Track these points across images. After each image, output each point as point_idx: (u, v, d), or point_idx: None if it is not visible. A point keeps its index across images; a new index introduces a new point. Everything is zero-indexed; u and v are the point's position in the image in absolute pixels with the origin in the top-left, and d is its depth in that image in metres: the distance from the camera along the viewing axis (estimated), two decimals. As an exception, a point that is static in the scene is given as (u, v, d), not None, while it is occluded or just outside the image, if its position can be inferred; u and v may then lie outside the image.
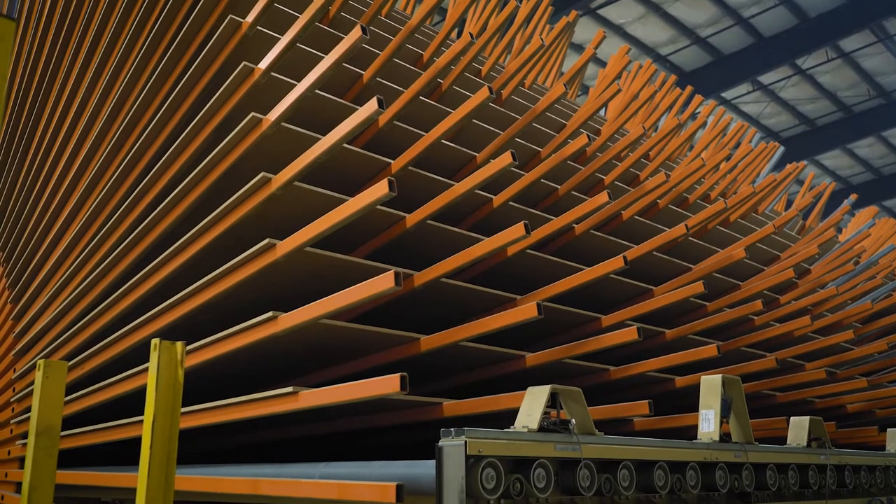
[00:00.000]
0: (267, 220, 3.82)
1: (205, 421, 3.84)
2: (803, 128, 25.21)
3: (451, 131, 4.17)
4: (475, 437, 2.72)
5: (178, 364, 2.83)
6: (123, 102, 4.77)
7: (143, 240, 4.36)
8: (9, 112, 6.59)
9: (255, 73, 3.82)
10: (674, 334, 5.32)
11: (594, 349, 4.33)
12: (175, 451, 2.81)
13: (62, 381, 3.33)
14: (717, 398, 3.92)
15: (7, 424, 5.87)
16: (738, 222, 7.51)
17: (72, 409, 4.86)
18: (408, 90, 4.32)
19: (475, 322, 3.78)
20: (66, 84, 5.62)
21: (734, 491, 3.80)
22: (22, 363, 5.84)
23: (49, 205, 5.64)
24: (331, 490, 3.10)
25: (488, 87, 3.99)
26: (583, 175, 5.33)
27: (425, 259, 4.09)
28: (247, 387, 3.95)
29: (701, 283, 4.70)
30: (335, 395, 3.23)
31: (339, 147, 3.45)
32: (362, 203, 3.24)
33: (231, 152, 3.78)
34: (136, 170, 4.56)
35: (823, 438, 4.57)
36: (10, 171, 6.54)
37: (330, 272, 3.81)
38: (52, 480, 3.26)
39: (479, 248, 3.81)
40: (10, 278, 6.25)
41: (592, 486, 3.06)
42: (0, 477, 5.83)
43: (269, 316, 3.46)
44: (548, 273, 4.86)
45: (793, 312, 6.31)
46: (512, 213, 4.90)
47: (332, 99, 4.26)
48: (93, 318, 4.79)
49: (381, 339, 3.91)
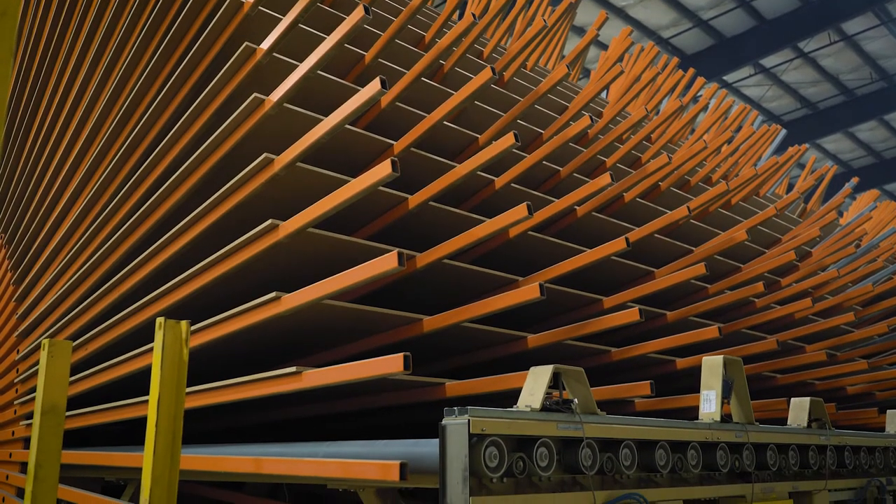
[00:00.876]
0: (270, 202, 3.82)
1: (209, 401, 3.87)
2: (805, 111, 25.13)
3: (453, 113, 4.17)
4: (478, 416, 2.73)
5: (183, 343, 2.84)
6: (125, 84, 4.76)
7: (146, 221, 4.36)
8: (10, 92, 6.57)
9: (256, 53, 3.81)
10: (675, 316, 5.34)
11: (596, 330, 4.34)
12: (180, 429, 2.83)
13: (67, 360, 3.34)
14: (718, 379, 3.94)
15: (11, 405, 5.90)
16: (740, 205, 7.51)
17: (76, 389, 4.89)
18: (410, 71, 4.31)
19: (477, 303, 3.79)
20: (66, 65, 5.60)
21: (735, 471, 3.83)
22: (25, 344, 5.87)
23: (51, 186, 5.64)
24: (334, 469, 3.12)
25: (491, 68, 3.98)
26: (585, 157, 5.33)
27: (427, 240, 4.10)
28: (251, 368, 3.97)
29: (703, 265, 4.71)
30: (338, 374, 3.25)
31: (341, 127, 3.45)
32: (365, 184, 3.24)
33: (234, 133, 3.78)
34: (139, 151, 4.55)
35: (824, 419, 4.60)
36: (11, 153, 6.53)
37: (333, 253, 3.82)
38: (58, 459, 3.28)
39: (481, 229, 3.81)
40: (12, 259, 6.26)
41: (594, 465, 3.09)
42: (4, 457, 5.86)
43: (272, 296, 3.47)
44: (550, 255, 4.87)
45: (794, 295, 6.33)
46: (514, 195, 4.90)
47: (334, 80, 4.26)
48: (96, 299, 4.80)
49: (384, 320, 3.92)
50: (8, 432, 5.89)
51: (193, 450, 3.92)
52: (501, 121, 4.88)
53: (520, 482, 2.86)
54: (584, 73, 16.89)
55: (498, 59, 6.36)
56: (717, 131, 8.76)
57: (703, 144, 6.00)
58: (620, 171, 6.22)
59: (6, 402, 5.99)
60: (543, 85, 5.06)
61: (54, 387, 3.31)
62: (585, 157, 5.38)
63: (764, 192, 8.72)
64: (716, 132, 8.72)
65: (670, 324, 5.35)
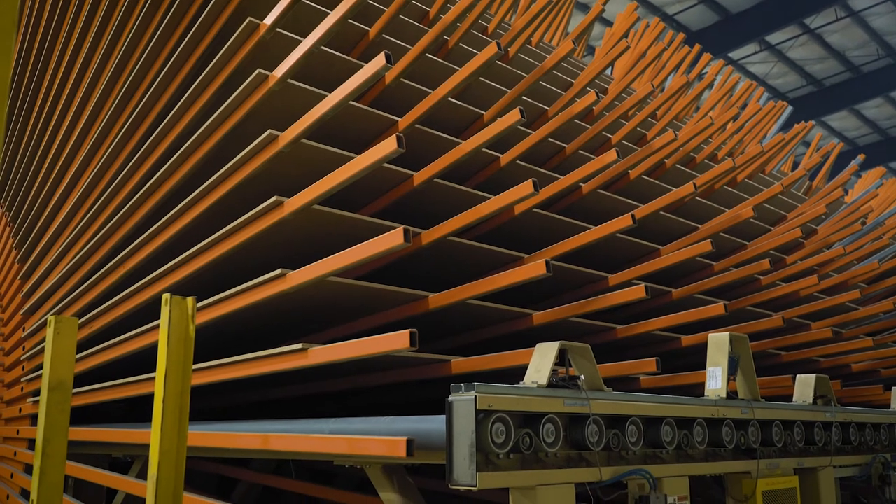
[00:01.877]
0: (274, 179, 3.81)
1: (216, 377, 3.87)
2: (810, 88, 24.96)
3: (458, 89, 4.13)
4: (485, 393, 2.74)
5: (190, 319, 2.84)
6: (127, 60, 4.73)
7: (150, 198, 4.35)
8: (13, 67, 6.54)
9: (260, 29, 3.78)
10: (680, 294, 5.33)
11: (601, 307, 4.33)
12: (187, 405, 2.83)
13: (73, 337, 3.34)
14: (724, 356, 3.94)
15: (18, 382, 5.92)
16: (746, 182, 7.48)
17: (83, 366, 4.90)
18: (414, 47, 4.27)
19: (483, 280, 3.79)
20: (69, 41, 5.56)
21: (740, 447, 3.84)
22: (31, 322, 5.88)
23: (55, 163, 5.62)
24: (341, 445, 3.13)
25: (496, 44, 3.94)
26: (590, 134, 5.30)
27: (433, 217, 4.08)
28: (257, 345, 3.97)
29: (708, 242, 4.69)
30: (344, 351, 3.25)
31: (346, 103, 3.42)
32: (370, 160, 3.22)
33: (238, 109, 3.75)
34: (142, 128, 4.53)
35: (829, 396, 4.60)
36: (15, 130, 6.51)
37: (338, 230, 3.81)
38: (66, 434, 3.29)
39: (487, 205, 3.80)
40: (17, 237, 6.26)
41: (601, 441, 3.09)
42: (12, 434, 5.90)
43: (277, 273, 3.47)
44: (555, 232, 4.85)
45: (799, 272, 6.31)
46: (519, 171, 4.88)
47: (338, 55, 4.22)
48: (101, 276, 4.80)
49: (389, 297, 3.92)
50: (15, 409, 5.92)
51: (201, 426, 3.94)
52: (506, 97, 4.85)
53: (526, 458, 2.87)
54: (588, 51, 16.75)
55: (502, 35, 6.30)
56: (722, 108, 8.70)
57: (710, 121, 5.96)
58: (626, 148, 6.19)
59: (14, 379, 6.01)
60: (549, 61, 5.02)
61: (61, 363, 3.31)
62: (591, 133, 5.35)
63: (769, 169, 8.67)
64: (721, 109, 8.66)
65: (675, 301, 5.34)
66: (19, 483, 5.52)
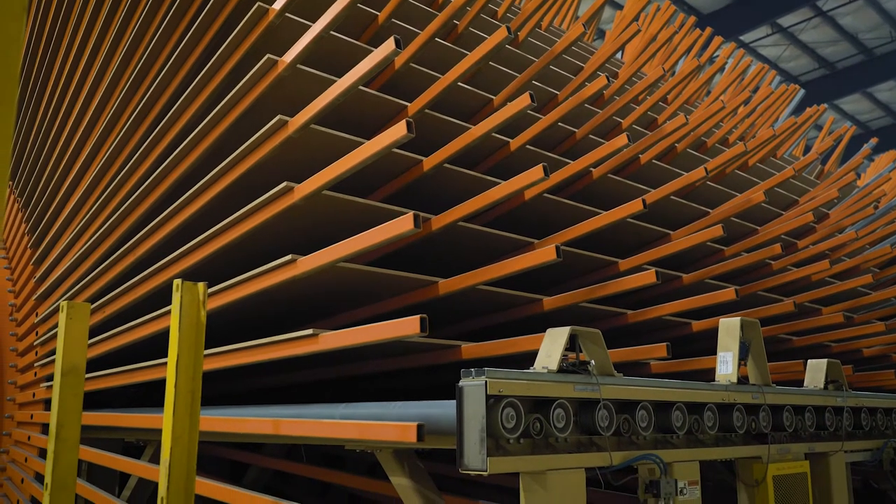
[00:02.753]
0: (284, 165, 3.80)
1: (227, 363, 3.89)
2: (823, 71, 24.76)
3: (467, 74, 4.11)
4: (495, 378, 2.74)
5: (201, 304, 2.85)
6: (138, 44, 4.72)
7: (161, 183, 4.35)
8: (24, 53, 6.54)
9: (269, 14, 3.77)
10: (691, 279, 5.31)
11: (612, 292, 4.32)
12: (199, 390, 2.85)
13: (86, 322, 3.37)
14: (735, 341, 3.93)
15: (31, 367, 5.97)
16: (757, 167, 7.43)
17: (95, 352, 4.93)
18: (424, 31, 4.24)
19: (493, 265, 3.78)
20: (79, 26, 5.55)
21: (751, 432, 3.84)
22: (44, 308, 5.91)
23: (66, 149, 5.64)
24: (352, 430, 3.15)
25: (506, 28, 3.91)
26: (600, 118, 5.26)
27: (442, 203, 4.07)
28: (267, 331, 3.98)
29: (719, 226, 4.67)
30: (355, 337, 3.25)
31: (356, 88, 3.41)
32: (380, 145, 3.22)
33: (247, 95, 3.75)
34: (152, 114, 4.53)
35: (840, 381, 4.59)
36: (26, 116, 6.52)
37: (348, 216, 3.81)
38: (79, 419, 3.33)
39: (497, 191, 3.78)
40: (29, 223, 6.28)
41: (611, 426, 3.10)
42: (26, 418, 5.95)
43: (288, 259, 3.47)
44: (565, 217, 4.84)
45: (811, 257, 6.28)
46: (529, 156, 4.86)
47: (346, 40, 4.20)
48: (113, 262, 4.82)
49: (399, 283, 3.92)
50: (29, 394, 5.97)
51: (212, 411, 3.96)
52: (516, 81, 4.82)
53: (537, 443, 2.87)
54: (598, 35, 16.62)
55: (512, 18, 6.26)
56: (734, 92, 8.64)
57: (721, 104, 5.92)
58: (636, 133, 6.15)
59: (27, 364, 6.06)
60: (559, 45, 4.99)
61: (74, 348, 3.35)
62: (601, 118, 5.31)
63: (781, 153, 8.62)
64: (733, 93, 8.60)
65: (686, 286, 5.32)
66: (33, 467, 5.58)
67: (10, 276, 6.65)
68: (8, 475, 6.10)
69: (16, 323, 6.42)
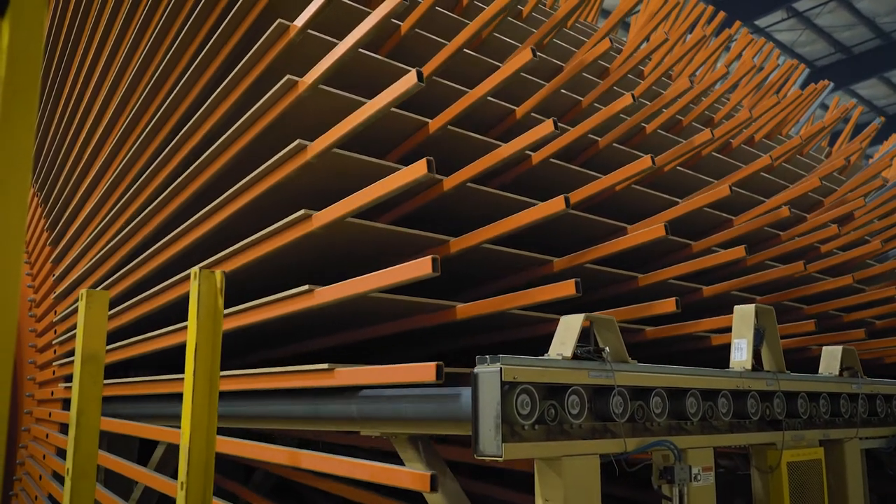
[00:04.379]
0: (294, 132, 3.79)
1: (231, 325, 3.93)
2: (839, 56, 24.53)
3: (472, 38, 4.06)
4: (510, 365, 2.77)
5: (218, 292, 2.89)
6: (156, 50, 4.71)
7: (175, 155, 4.41)
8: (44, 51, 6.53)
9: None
10: (700, 245, 5.32)
11: (623, 248, 4.27)
12: (217, 377, 2.88)
13: (104, 310, 3.42)
14: (749, 328, 3.94)
15: (50, 347, 6.05)
16: (763, 142, 7.42)
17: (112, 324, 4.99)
18: (447, 46, 3.98)
19: (503, 220, 3.80)
20: (97, 27, 5.55)
21: (765, 418, 3.85)
22: (60, 287, 5.98)
23: (85, 148, 5.68)
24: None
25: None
26: (604, 87, 5.26)
27: (451, 168, 4.07)
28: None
29: (727, 187, 4.73)
30: (353, 287, 3.33)
31: (363, 43, 3.43)
32: (391, 96, 3.22)
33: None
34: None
35: (856, 368, 4.59)
36: (45, 119, 6.55)
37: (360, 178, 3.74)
38: (99, 406, 3.38)
39: (505, 149, 3.79)
40: (48, 219, 6.33)
41: (625, 413, 3.12)
42: (46, 396, 6.05)
43: (301, 214, 3.51)
44: (573, 182, 4.86)
45: (819, 226, 6.24)
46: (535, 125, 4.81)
47: (368, 55, 4.12)
48: (126, 236, 4.91)
49: (410, 241, 3.95)
50: (48, 392, 6.07)
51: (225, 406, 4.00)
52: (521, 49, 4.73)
53: (551, 429, 2.90)
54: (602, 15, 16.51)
55: (538, 18, 6.17)
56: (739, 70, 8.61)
57: (725, 71, 5.94)
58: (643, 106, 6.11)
59: (46, 361, 6.15)
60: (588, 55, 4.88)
61: (93, 337, 3.39)
62: (605, 87, 5.27)
63: (787, 131, 8.56)
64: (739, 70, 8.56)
65: (695, 254, 5.32)
66: (55, 442, 5.67)
67: (27, 259, 6.72)
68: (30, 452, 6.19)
69: (35, 319, 6.48)
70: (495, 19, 4.13)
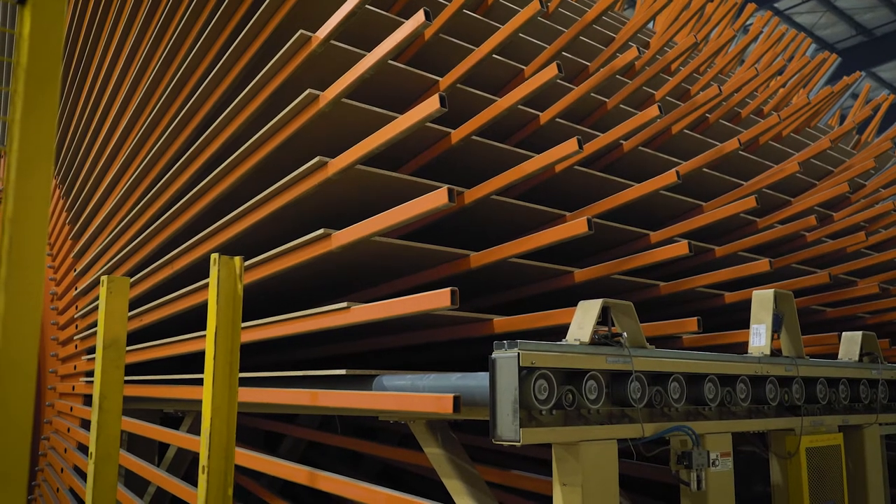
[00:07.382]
0: (316, 140, 3.83)
1: (262, 335, 3.96)
2: (860, 38, 24.18)
3: (499, 48, 4.07)
4: (528, 350, 2.76)
5: (238, 278, 2.91)
6: (179, 48, 4.68)
7: (196, 159, 4.39)
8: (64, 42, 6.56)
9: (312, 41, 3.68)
10: (724, 251, 5.27)
11: (644, 264, 4.29)
12: (237, 361, 2.91)
13: (125, 295, 3.45)
14: (768, 313, 3.91)
15: (72, 340, 6.11)
16: (791, 137, 7.32)
17: (133, 325, 5.03)
18: (472, 54, 4.06)
19: (525, 238, 3.79)
20: (119, 17, 5.55)
21: (784, 404, 3.83)
22: (83, 282, 6.03)
23: (107, 144, 5.68)
24: (388, 401, 3.19)
25: (557, 65, 3.78)
26: (631, 88, 5.20)
27: (473, 176, 4.07)
28: (300, 305, 4.04)
29: (753, 197, 4.62)
30: (387, 310, 3.29)
31: (385, 62, 3.41)
32: (413, 120, 3.23)
33: (288, 125, 3.72)
34: (186, 89, 4.56)
35: (876, 353, 4.55)
36: (68, 100, 6.58)
37: (379, 192, 3.83)
38: (121, 389, 3.42)
39: (530, 164, 3.77)
40: (67, 199, 6.39)
41: (643, 398, 3.11)
42: (68, 390, 6.11)
43: (321, 233, 3.51)
44: (596, 189, 4.82)
45: (846, 228, 6.19)
46: (559, 129, 4.83)
47: (376, 12, 4.17)
48: (148, 236, 4.89)
49: (431, 256, 3.94)
50: (70, 366, 6.12)
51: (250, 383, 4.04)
52: (546, 52, 4.78)
53: (569, 414, 2.90)
54: (629, 3, 16.38)
55: (563, 13, 6.14)
56: (768, 61, 8.49)
57: (754, 73, 5.81)
58: (669, 105, 6.08)
59: (68, 337, 6.20)
60: (589, 14, 4.92)
61: (114, 321, 3.43)
62: (631, 88, 5.23)
63: (815, 123, 8.46)
64: (767, 62, 8.45)
65: (719, 258, 5.28)
66: (76, 437, 5.73)
67: (49, 251, 6.78)
68: (52, 444, 6.28)
69: (56, 297, 6.55)
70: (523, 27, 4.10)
